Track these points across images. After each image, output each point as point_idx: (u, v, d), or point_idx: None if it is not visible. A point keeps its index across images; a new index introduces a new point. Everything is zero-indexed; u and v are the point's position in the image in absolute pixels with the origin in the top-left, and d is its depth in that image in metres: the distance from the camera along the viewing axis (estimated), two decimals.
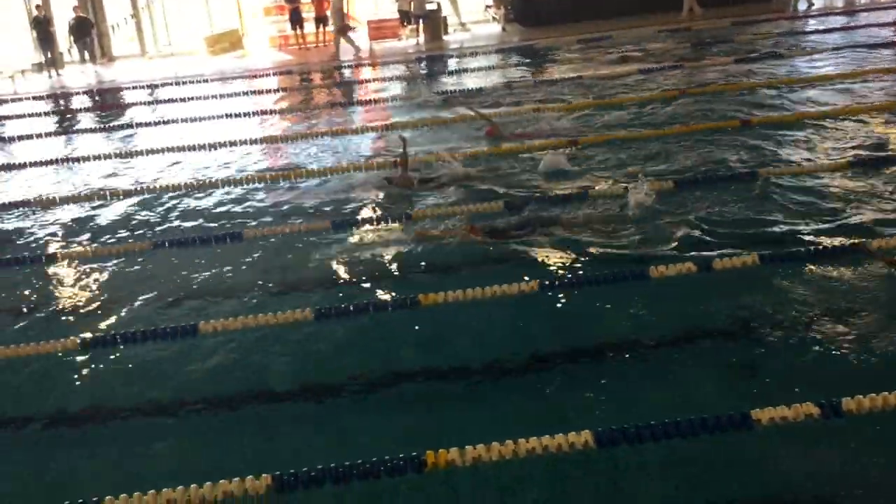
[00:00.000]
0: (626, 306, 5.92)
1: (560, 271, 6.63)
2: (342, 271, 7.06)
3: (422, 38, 23.76)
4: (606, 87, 14.29)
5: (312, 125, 13.57)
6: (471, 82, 16.12)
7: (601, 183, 8.72)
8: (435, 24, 23.91)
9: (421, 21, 23.74)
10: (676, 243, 6.86)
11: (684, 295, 5.96)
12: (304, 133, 12.57)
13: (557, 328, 5.85)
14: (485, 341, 5.67)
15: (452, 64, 19.71)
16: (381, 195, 9.06)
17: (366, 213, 8.53)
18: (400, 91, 16.45)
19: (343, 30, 22.53)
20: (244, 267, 7.34)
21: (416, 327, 5.93)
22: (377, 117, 13.67)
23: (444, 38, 24.09)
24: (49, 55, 23.52)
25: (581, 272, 6.58)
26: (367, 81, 18.58)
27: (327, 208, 8.78)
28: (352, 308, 6.03)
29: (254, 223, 8.49)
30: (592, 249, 6.93)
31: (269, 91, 17.79)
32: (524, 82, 15.54)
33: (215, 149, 11.83)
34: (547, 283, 6.13)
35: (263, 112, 14.87)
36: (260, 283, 6.98)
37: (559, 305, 6.12)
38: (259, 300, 6.60)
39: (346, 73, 20.29)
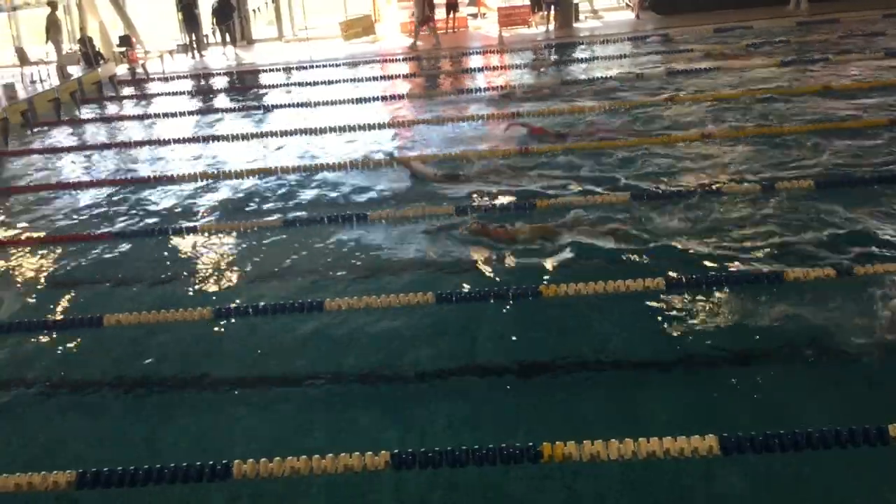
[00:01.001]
0: (764, 312, 5.65)
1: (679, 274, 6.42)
2: (464, 257, 7.10)
3: (552, 26, 23.51)
4: (744, 79, 13.71)
5: (436, 111, 13.69)
6: (599, 71, 15.83)
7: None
8: (566, 11, 23.61)
9: (552, 8, 23.48)
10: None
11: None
12: (427, 119, 12.68)
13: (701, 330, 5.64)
14: (613, 336, 5.55)
15: (582, 52, 19.41)
16: (503, 184, 9.04)
17: (487, 200, 8.54)
18: (526, 79, 16.32)
19: (425, 21, 22.64)
20: (368, 248, 7.49)
21: (538, 318, 5.89)
22: (499, 105, 13.62)
23: (575, 25, 23.75)
24: (193, 37, 24.71)
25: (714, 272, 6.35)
26: (494, 68, 18.52)
27: (450, 193, 8.84)
28: (473, 294, 6.06)
29: (379, 206, 8.65)
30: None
31: (396, 76, 18.04)
32: (656, 73, 15.11)
33: (344, 131, 12.12)
34: (675, 281, 5.96)
35: (390, 97, 15.09)
36: (384, 264, 7.11)
37: (704, 306, 5.91)
38: (382, 281, 6.72)
39: (474, 60, 20.32)
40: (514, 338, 5.68)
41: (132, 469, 4.17)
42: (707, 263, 6.51)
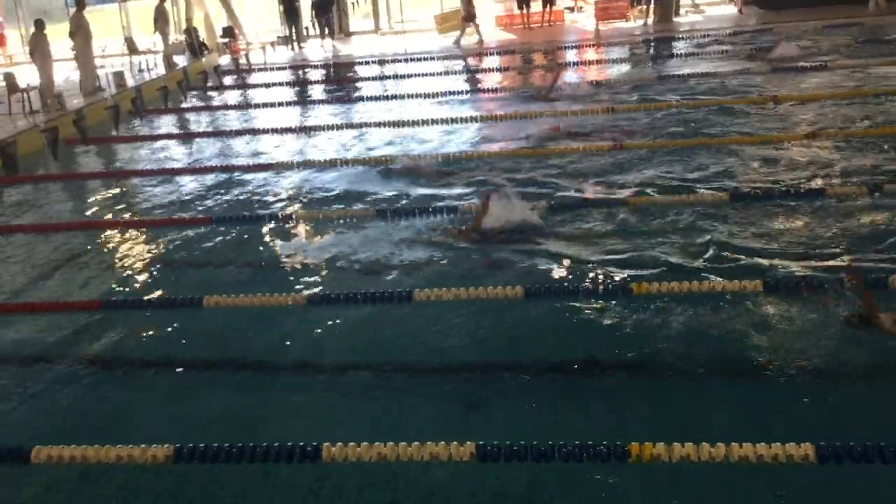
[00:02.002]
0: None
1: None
2: (553, 251, 7.05)
3: (651, 20, 23.04)
4: (852, 77, 13.13)
5: (528, 106, 13.62)
6: (700, 66, 15.44)
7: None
8: (666, 4, 23.09)
9: (651, 1, 23.01)
10: None
11: None
12: (513, 114, 12.64)
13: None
14: (706, 337, 5.41)
15: (680, 47, 18.94)
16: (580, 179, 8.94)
17: (583, 194, 8.46)
18: (621, 75, 16.03)
19: (468, 17, 22.46)
20: (459, 241, 7.52)
21: (627, 315, 5.80)
22: (594, 100, 13.44)
23: (675, 19, 23.21)
24: (293, 29, 25.30)
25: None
26: (589, 63, 18.26)
27: (544, 189, 8.80)
28: (561, 289, 6.02)
29: (471, 198, 8.68)
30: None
31: (489, 70, 18.04)
32: (758, 70, 14.63)
33: (437, 124, 12.20)
34: (773, 283, 5.77)
35: (481, 90, 15.10)
36: (473, 256, 7.13)
37: (801, 311, 5.69)
38: (471, 274, 6.74)
39: (569, 54, 20.09)
40: (602, 334, 5.60)
41: (227, 446, 4.33)
42: (808, 264, 6.28)
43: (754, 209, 7.52)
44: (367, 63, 20.89)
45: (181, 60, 21.18)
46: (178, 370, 5.69)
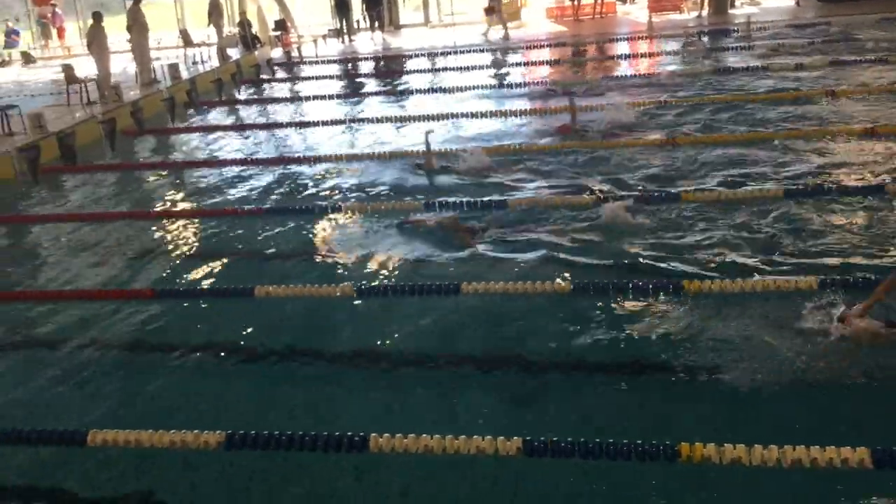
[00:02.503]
0: None
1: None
2: (604, 244, 7.00)
3: (705, 12, 22.64)
4: None
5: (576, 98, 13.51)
6: (752, 60, 15.13)
7: None
8: None
9: None
10: None
11: None
12: (559, 108, 12.54)
13: None
14: (762, 338, 5.26)
15: (734, 40, 18.57)
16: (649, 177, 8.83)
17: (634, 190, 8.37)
18: (674, 67, 15.78)
19: (490, 10, 22.33)
20: (509, 233, 7.50)
21: (677, 313, 5.71)
22: (642, 93, 13.27)
23: (731, 11, 22.78)
24: (344, 22, 25.47)
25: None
26: (641, 55, 18.02)
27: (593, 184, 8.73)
28: (611, 286, 5.96)
29: (517, 192, 8.64)
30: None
31: (538, 63, 17.91)
32: (815, 64, 14.28)
33: (486, 117, 12.17)
34: (828, 281, 5.64)
35: (531, 83, 15.00)
36: (523, 251, 7.10)
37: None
38: (519, 269, 6.72)
39: (619, 46, 19.86)
40: (652, 332, 5.52)
41: (276, 433, 4.40)
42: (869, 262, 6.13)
43: (810, 204, 7.36)
44: (416, 56, 20.93)
45: (234, 53, 21.46)
46: (229, 358, 5.78)
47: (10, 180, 11.12)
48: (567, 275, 6.31)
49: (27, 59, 26.58)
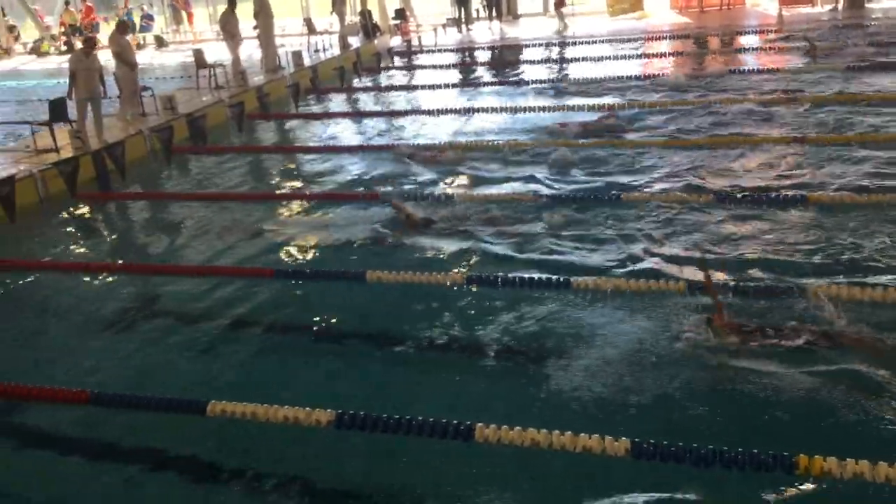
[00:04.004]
0: None
1: None
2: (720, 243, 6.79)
3: (840, 5, 21.49)
4: None
5: (698, 92, 13.10)
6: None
7: None
8: None
9: None
10: None
11: None
12: (686, 101, 12.19)
13: None
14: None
15: (869, 35, 17.49)
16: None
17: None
18: (797, 63, 15.00)
19: (558, 5, 22.10)
20: (622, 227, 7.37)
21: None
22: (769, 90, 12.73)
23: (868, 5, 21.51)
24: (463, 12, 25.54)
25: None
26: (768, 49, 17.23)
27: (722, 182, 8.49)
28: (725, 286, 5.78)
29: (636, 190, 8.48)
30: None
31: (659, 54, 17.44)
32: None
33: (602, 110, 11.95)
34: None
35: (650, 76, 14.63)
36: (636, 246, 6.97)
37: None
38: (634, 263, 6.60)
39: (743, 39, 19.06)
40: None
41: (384, 416, 4.48)
42: None
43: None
44: (532, 45, 20.78)
45: (355, 41, 21.89)
46: (340, 339, 5.93)
47: (143, 158, 11.75)
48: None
49: (160, 42, 27.92)
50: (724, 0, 23.94)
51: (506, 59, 19.50)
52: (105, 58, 12.91)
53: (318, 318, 6.29)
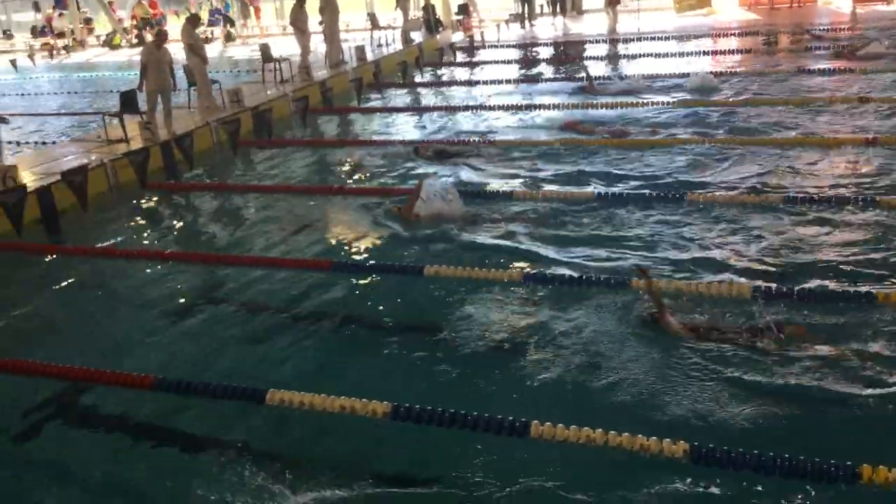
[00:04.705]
0: None
1: None
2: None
3: None
4: None
5: (768, 92, 12.80)
6: None
7: None
8: None
9: None
10: None
11: None
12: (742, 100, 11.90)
13: None
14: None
15: None
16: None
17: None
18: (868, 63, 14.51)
19: (612, 2, 21.77)
20: (681, 230, 7.26)
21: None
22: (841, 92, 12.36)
23: None
24: (526, 7, 25.40)
25: None
26: (842, 49, 16.70)
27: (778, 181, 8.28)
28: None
29: (701, 188, 8.34)
30: None
31: (727, 52, 17.08)
32: None
33: (671, 107, 11.76)
34: None
35: (717, 73, 14.35)
36: (701, 248, 6.85)
37: None
38: (701, 264, 6.50)
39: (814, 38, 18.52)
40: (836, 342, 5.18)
41: (439, 410, 4.51)
42: None
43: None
44: (596, 42, 20.56)
45: (417, 36, 21.96)
46: (396, 332, 5.96)
47: (209, 150, 12.02)
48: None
49: (228, 37, 28.48)
50: None
51: (568, 55, 19.36)
52: (173, 50, 13.20)
53: (374, 311, 6.35)
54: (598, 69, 16.56)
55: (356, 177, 10.33)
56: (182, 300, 6.87)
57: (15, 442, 5.03)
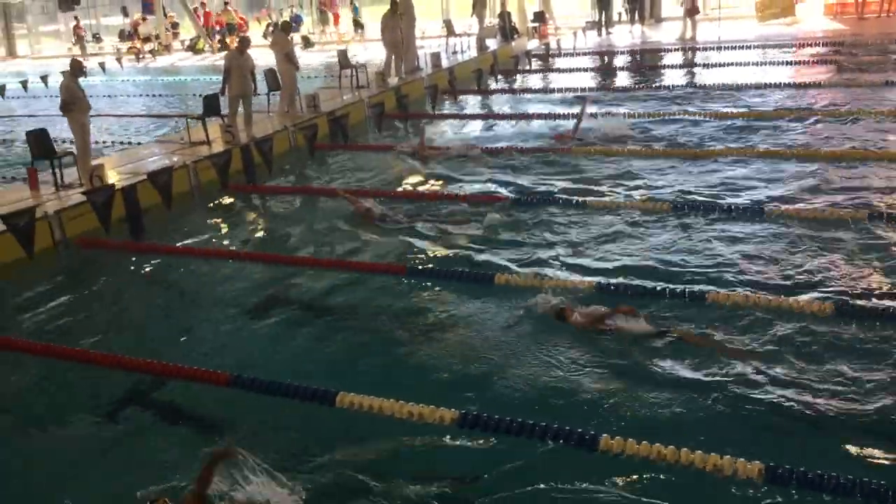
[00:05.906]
0: None
1: None
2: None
3: None
4: None
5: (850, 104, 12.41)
6: None
7: None
8: None
9: None
10: None
11: None
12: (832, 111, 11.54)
13: None
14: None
15: None
16: None
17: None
18: None
19: (691, 11, 21.10)
20: (763, 243, 7.10)
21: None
22: None
23: None
24: (604, 15, 25.17)
25: None
26: None
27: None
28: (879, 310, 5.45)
29: (777, 202, 8.13)
30: None
31: (810, 62, 16.60)
32: None
33: (752, 119, 11.50)
34: None
35: (798, 85, 13.97)
36: (785, 266, 6.70)
37: None
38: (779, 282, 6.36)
39: None
40: None
41: (508, 419, 4.51)
42: None
43: None
44: (673, 50, 20.23)
45: (492, 44, 21.99)
46: (467, 339, 5.96)
47: (286, 153, 12.27)
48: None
49: (306, 42, 29.04)
50: (884, 6, 22.46)
51: (645, 63, 19.12)
52: (255, 55, 13.52)
53: (446, 318, 6.36)
54: (673, 77, 16.33)
55: (433, 181, 10.35)
56: (256, 300, 7.02)
57: (93, 430, 5.20)
